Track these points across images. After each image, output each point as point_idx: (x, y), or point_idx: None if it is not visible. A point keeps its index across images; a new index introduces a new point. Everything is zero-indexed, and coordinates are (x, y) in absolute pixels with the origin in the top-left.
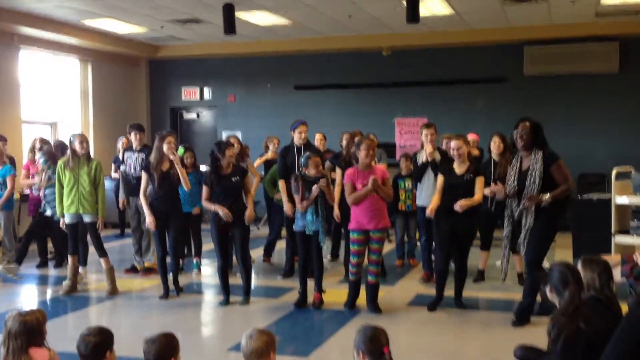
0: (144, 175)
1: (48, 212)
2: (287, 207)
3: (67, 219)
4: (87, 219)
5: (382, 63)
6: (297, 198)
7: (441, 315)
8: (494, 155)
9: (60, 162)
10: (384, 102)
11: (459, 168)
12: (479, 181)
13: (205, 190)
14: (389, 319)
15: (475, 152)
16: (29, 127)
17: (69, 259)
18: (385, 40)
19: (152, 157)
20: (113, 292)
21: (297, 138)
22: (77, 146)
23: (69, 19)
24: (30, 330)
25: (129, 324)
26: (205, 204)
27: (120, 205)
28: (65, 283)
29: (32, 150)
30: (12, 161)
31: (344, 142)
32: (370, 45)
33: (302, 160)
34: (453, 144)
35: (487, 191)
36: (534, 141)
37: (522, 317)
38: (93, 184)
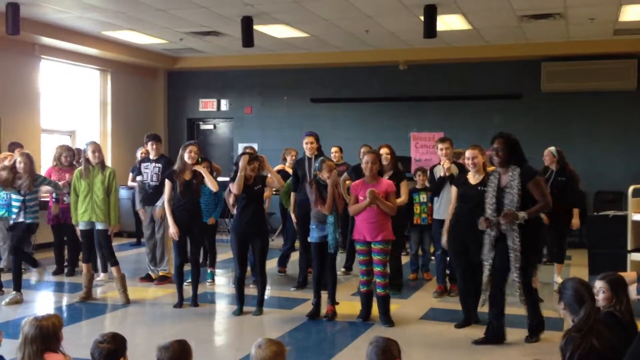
0: (167, 184)
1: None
2: (293, 218)
3: (81, 227)
4: (99, 226)
5: (399, 77)
6: (312, 202)
7: (455, 330)
8: None
9: (76, 172)
10: (399, 116)
11: (473, 178)
12: None
13: (231, 196)
14: (402, 332)
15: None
16: (48, 136)
17: (84, 267)
18: (401, 54)
19: (176, 166)
20: (125, 300)
21: (306, 149)
22: (89, 155)
23: (89, 30)
24: (46, 335)
25: (143, 332)
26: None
27: (141, 215)
28: (82, 291)
29: (58, 158)
30: None
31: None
32: (387, 59)
33: (317, 164)
34: (468, 153)
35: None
36: (509, 157)
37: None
38: (106, 192)
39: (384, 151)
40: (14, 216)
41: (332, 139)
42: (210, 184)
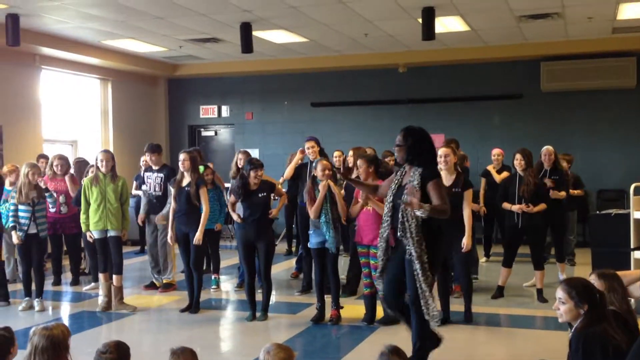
0: (171, 192)
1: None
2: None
3: (96, 235)
4: (112, 233)
5: (398, 80)
6: (308, 205)
7: (459, 330)
8: (519, 171)
9: (86, 180)
10: (400, 118)
11: (445, 179)
12: (467, 195)
13: (231, 199)
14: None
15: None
16: (50, 145)
17: (100, 277)
18: (401, 57)
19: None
20: (118, 307)
21: (308, 154)
22: (99, 164)
23: (89, 39)
24: (57, 344)
25: (149, 340)
26: (232, 211)
27: (140, 220)
28: (101, 299)
29: (51, 167)
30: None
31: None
32: (386, 62)
33: (314, 164)
34: (441, 151)
35: (515, 207)
36: (410, 154)
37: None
38: (119, 201)
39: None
40: (25, 227)
41: (333, 142)
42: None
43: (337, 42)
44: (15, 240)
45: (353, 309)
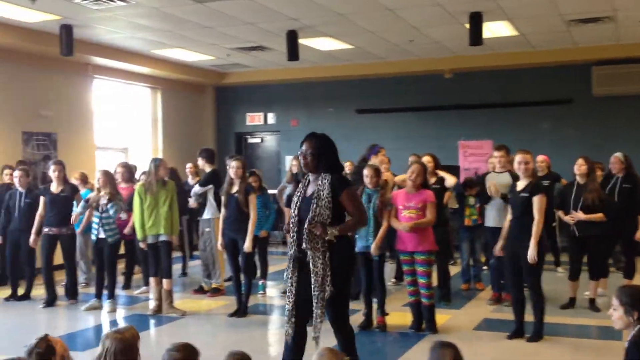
0: (222, 199)
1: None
2: None
3: (149, 241)
4: (163, 238)
5: (444, 86)
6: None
7: (507, 340)
8: (579, 178)
9: (139, 187)
10: (447, 124)
11: (519, 184)
12: (537, 201)
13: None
14: (457, 342)
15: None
16: (103, 153)
17: (152, 281)
18: (447, 62)
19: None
20: (168, 311)
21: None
22: (161, 171)
23: (139, 49)
24: (129, 347)
25: (198, 343)
26: None
27: (192, 203)
28: (152, 303)
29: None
30: (74, 188)
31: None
32: (432, 68)
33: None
34: (519, 157)
35: (566, 218)
36: (318, 162)
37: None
38: (169, 206)
39: (426, 160)
40: (94, 232)
41: None
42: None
43: (382, 48)
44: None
45: (400, 316)
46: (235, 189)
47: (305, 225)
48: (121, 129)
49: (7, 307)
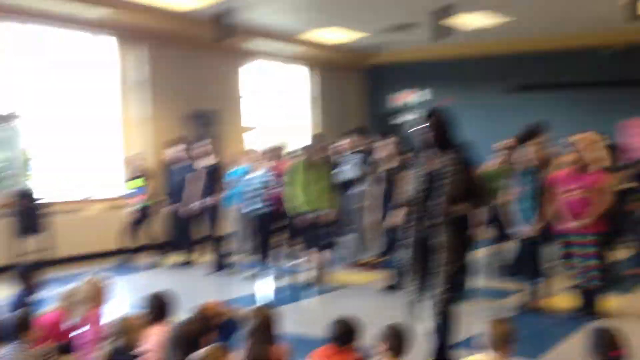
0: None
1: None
2: None
3: (307, 215)
4: (321, 212)
5: (605, 62)
6: None
7: None
8: None
9: (299, 162)
10: (606, 103)
11: None
12: None
13: None
14: (623, 328)
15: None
16: (258, 131)
17: (309, 253)
18: (608, 37)
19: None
20: (324, 282)
21: None
22: (320, 148)
23: (295, 29)
24: (269, 325)
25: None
26: None
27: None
28: (310, 274)
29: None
30: (225, 163)
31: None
32: (591, 42)
33: None
34: None
35: None
36: (440, 138)
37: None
38: (327, 181)
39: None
40: (250, 204)
41: None
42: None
43: (537, 22)
44: None
45: (564, 298)
46: (388, 166)
47: (430, 201)
48: (277, 108)
49: (175, 273)
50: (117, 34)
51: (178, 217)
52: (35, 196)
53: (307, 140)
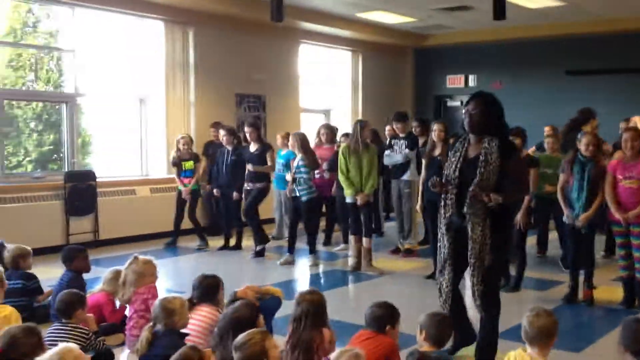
0: (424, 162)
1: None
2: None
3: (348, 200)
4: (366, 199)
5: None
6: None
7: None
8: None
9: (343, 147)
10: None
11: None
12: None
13: None
14: None
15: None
16: (306, 115)
17: (351, 239)
18: None
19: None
20: (367, 269)
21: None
22: (365, 133)
23: (343, 12)
24: (321, 310)
25: (395, 303)
26: None
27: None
28: (351, 260)
29: (317, 135)
30: (267, 146)
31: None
32: None
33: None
34: None
35: None
36: (484, 123)
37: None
38: (371, 166)
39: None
40: (291, 189)
41: None
42: None
43: (598, 3)
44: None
45: (609, 290)
46: (437, 151)
47: (470, 189)
48: (324, 91)
49: (220, 256)
50: (163, 15)
51: (223, 201)
52: (86, 177)
53: (351, 126)
